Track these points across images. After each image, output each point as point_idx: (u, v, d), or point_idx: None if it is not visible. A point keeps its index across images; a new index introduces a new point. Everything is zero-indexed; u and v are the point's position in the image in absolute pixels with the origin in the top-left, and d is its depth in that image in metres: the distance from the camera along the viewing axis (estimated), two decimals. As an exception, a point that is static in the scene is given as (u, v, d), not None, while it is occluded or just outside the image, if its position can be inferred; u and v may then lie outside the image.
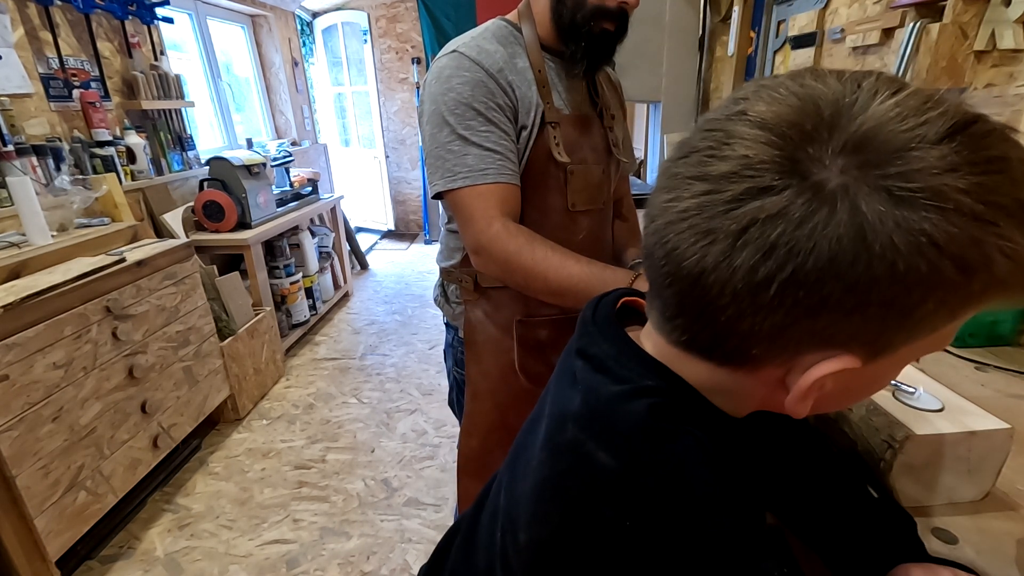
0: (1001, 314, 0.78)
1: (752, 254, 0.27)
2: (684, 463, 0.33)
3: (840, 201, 0.26)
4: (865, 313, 0.28)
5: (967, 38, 0.87)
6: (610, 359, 0.39)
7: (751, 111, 0.29)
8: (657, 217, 0.32)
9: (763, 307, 0.29)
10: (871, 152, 0.26)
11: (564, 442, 0.37)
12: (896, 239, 0.25)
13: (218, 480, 1.94)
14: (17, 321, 1.32)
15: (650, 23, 1.84)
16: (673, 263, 0.31)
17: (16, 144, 1.75)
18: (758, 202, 0.27)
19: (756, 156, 0.28)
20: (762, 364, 0.32)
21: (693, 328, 0.33)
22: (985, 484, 0.49)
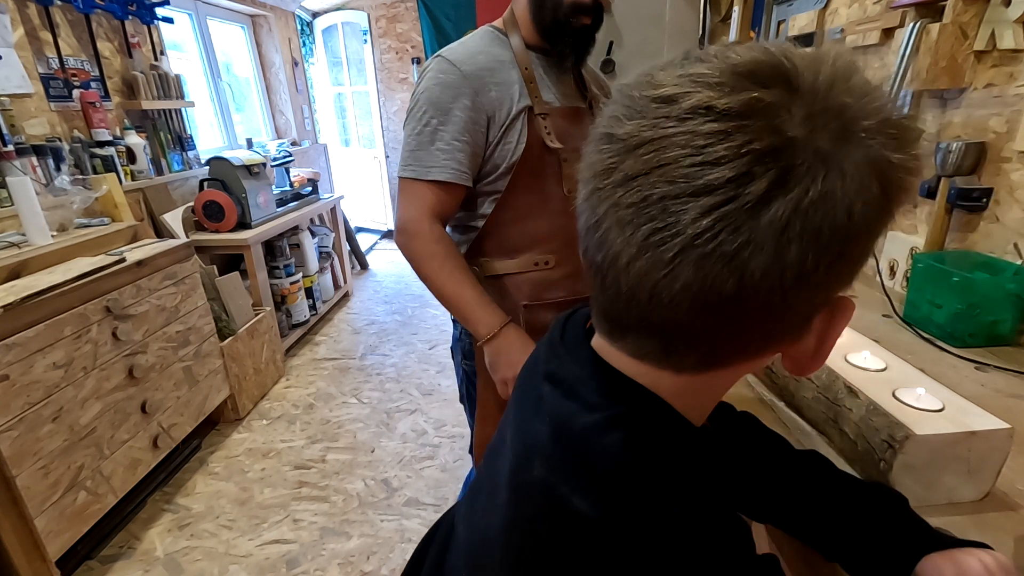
0: (1001, 314, 0.78)
1: (802, 248, 0.25)
2: (668, 506, 0.30)
3: (855, 161, 0.26)
4: (869, 251, 0.29)
5: (967, 38, 0.87)
6: (579, 383, 0.35)
7: (713, 104, 0.26)
8: (636, 260, 0.28)
9: (809, 295, 0.28)
10: (848, 110, 0.26)
11: (532, 482, 0.34)
12: (902, 179, 0.27)
13: (218, 480, 1.94)
14: (17, 321, 1.32)
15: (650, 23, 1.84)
16: (697, 298, 0.27)
17: (16, 144, 1.75)
18: (788, 194, 0.25)
19: (768, 146, 0.25)
20: (777, 345, 0.32)
21: (712, 354, 0.31)
22: (985, 484, 0.49)
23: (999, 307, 0.78)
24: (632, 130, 0.27)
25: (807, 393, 0.60)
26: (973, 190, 0.87)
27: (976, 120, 0.89)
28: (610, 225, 0.28)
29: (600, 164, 0.29)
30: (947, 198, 0.91)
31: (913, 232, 1.03)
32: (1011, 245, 0.83)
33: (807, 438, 0.59)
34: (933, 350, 0.79)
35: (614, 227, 0.28)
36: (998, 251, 0.85)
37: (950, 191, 0.90)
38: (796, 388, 0.62)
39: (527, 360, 0.45)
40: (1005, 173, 0.84)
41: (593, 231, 0.30)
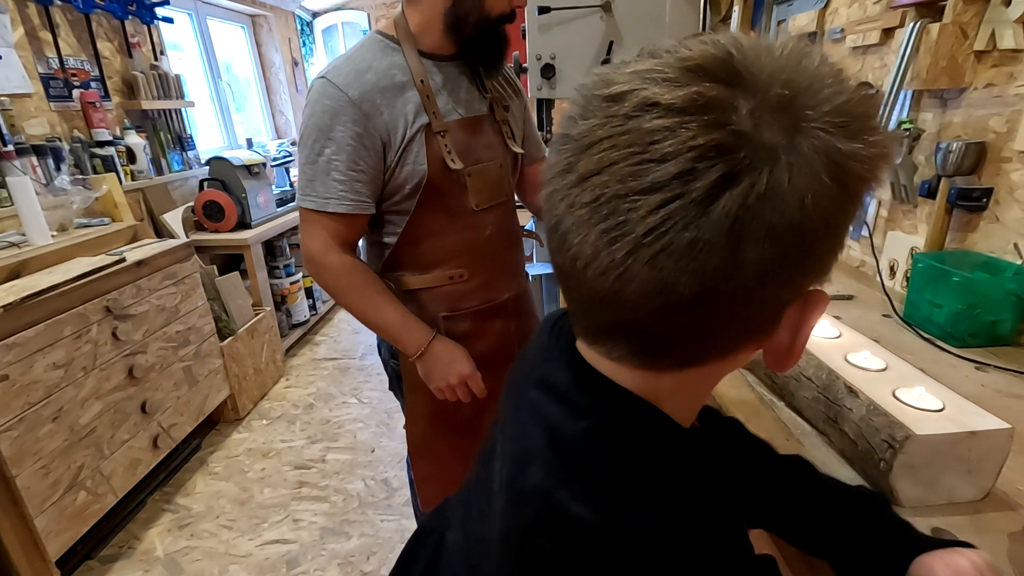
0: (1001, 314, 0.78)
1: (759, 247, 0.25)
2: (664, 508, 0.30)
3: (806, 155, 0.25)
4: (836, 244, 0.28)
5: (967, 38, 0.87)
6: (569, 388, 0.35)
7: (658, 100, 0.25)
8: (597, 259, 0.27)
9: (773, 291, 0.27)
10: (795, 96, 0.25)
11: (529, 489, 0.33)
12: (859, 170, 0.26)
13: (218, 480, 1.94)
14: (17, 321, 1.32)
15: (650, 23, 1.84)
16: (657, 297, 0.27)
17: (16, 144, 1.75)
18: (735, 189, 0.24)
19: (709, 140, 0.24)
20: (750, 343, 0.31)
21: (687, 353, 0.31)
22: (985, 484, 0.49)
23: (999, 307, 0.78)
24: (584, 129, 0.27)
25: (807, 393, 0.60)
26: (973, 190, 0.87)
27: (976, 120, 0.89)
28: (568, 227, 0.28)
29: (558, 165, 0.29)
30: (947, 198, 0.91)
31: (913, 232, 1.03)
32: (1011, 245, 0.83)
33: (807, 438, 0.59)
34: (933, 350, 0.79)
35: (572, 228, 0.28)
36: (998, 251, 0.85)
37: (950, 191, 0.90)
38: (796, 388, 0.62)
39: (515, 364, 0.44)
40: (1005, 173, 0.84)
41: (553, 232, 0.30)
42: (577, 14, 1.81)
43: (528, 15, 1.74)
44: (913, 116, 1.01)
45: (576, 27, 1.83)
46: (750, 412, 0.64)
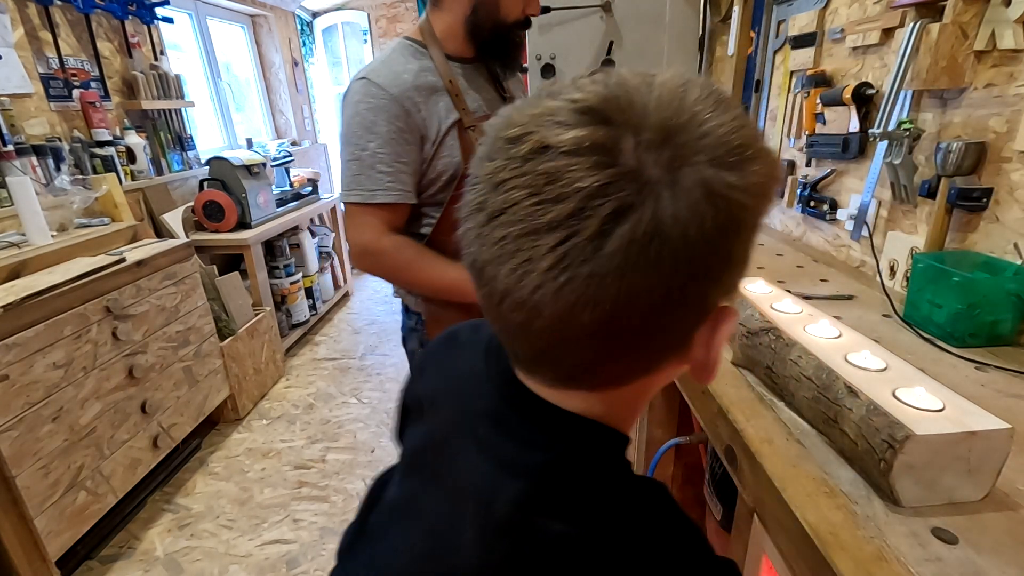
0: (1001, 314, 0.78)
1: (646, 275, 0.27)
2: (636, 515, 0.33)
3: (688, 189, 0.26)
4: (733, 268, 0.30)
5: (967, 38, 0.87)
6: (519, 421, 0.36)
7: (550, 142, 0.27)
8: (511, 293, 0.29)
9: (672, 316, 0.29)
10: (676, 134, 0.27)
11: (500, 522, 0.34)
12: (739, 198, 0.27)
13: (218, 480, 1.94)
14: (17, 321, 1.33)
15: (650, 23, 1.84)
16: (565, 328, 0.28)
17: (16, 144, 1.75)
18: (624, 225, 0.26)
19: (595, 181, 0.26)
20: (668, 362, 0.33)
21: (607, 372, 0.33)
22: (985, 484, 0.49)
23: (999, 307, 0.78)
24: (490, 170, 0.29)
25: (807, 393, 0.60)
26: (973, 190, 0.87)
27: (976, 120, 0.89)
28: (483, 263, 0.30)
29: (471, 204, 0.30)
30: (947, 198, 0.91)
31: (913, 232, 1.03)
32: (1011, 245, 0.83)
33: (807, 438, 0.59)
34: (933, 350, 0.79)
35: (486, 265, 0.29)
36: (998, 251, 0.85)
37: (950, 191, 0.90)
38: (796, 388, 0.62)
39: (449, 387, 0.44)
40: (1005, 173, 0.84)
41: (472, 268, 0.31)
42: (577, 14, 1.81)
43: (528, 15, 1.74)
44: (913, 116, 1.01)
45: (576, 27, 1.83)
46: (750, 412, 0.64)
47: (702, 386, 0.38)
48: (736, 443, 0.62)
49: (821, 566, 0.45)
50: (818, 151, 1.28)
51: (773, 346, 0.67)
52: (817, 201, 1.31)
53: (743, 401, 0.67)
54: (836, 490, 0.51)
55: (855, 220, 1.17)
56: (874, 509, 0.49)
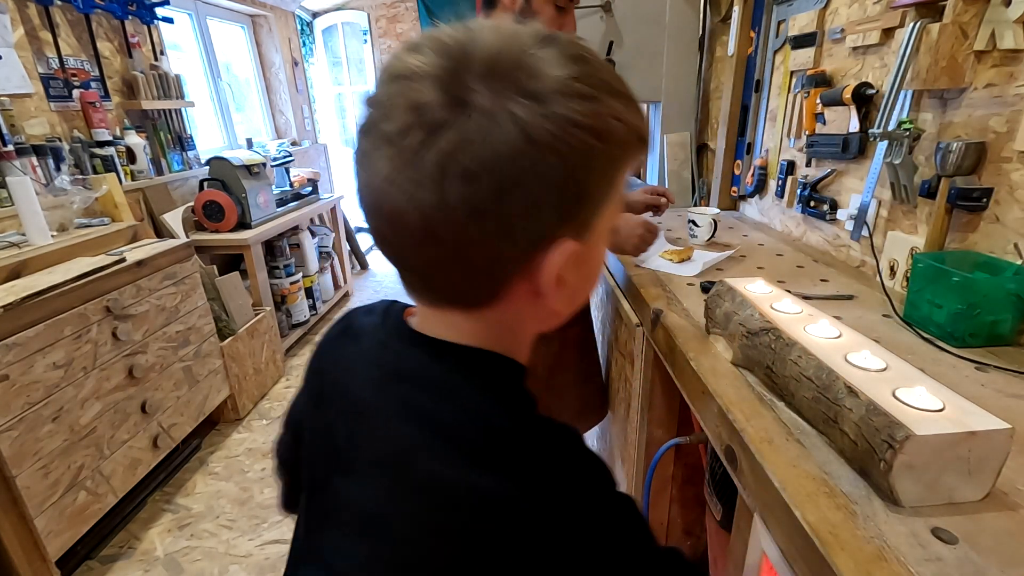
0: (1001, 314, 0.78)
1: (459, 186, 0.30)
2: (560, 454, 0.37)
3: (499, 115, 0.30)
4: (561, 199, 0.33)
5: (967, 38, 0.87)
6: (425, 369, 0.38)
7: (400, 70, 0.32)
8: (366, 198, 0.34)
9: (490, 229, 0.32)
10: (501, 71, 0.31)
11: (425, 480, 0.35)
12: (550, 128, 0.31)
13: (218, 480, 1.94)
14: (17, 321, 1.33)
15: (650, 23, 1.84)
16: (403, 230, 0.33)
17: (16, 144, 1.75)
18: (440, 139, 0.30)
19: (422, 101, 0.31)
20: (513, 285, 0.36)
21: (455, 284, 0.36)
22: (985, 484, 0.49)
23: (999, 307, 0.78)
24: (368, 96, 0.34)
25: (807, 393, 0.60)
26: (973, 190, 0.87)
27: (976, 120, 0.88)
28: (356, 172, 0.35)
29: (358, 126, 0.35)
30: (947, 198, 0.91)
31: (913, 232, 1.03)
32: (1011, 245, 0.83)
33: (807, 438, 0.59)
34: (933, 350, 0.79)
35: (358, 174, 0.35)
36: (998, 251, 0.85)
37: (950, 191, 0.90)
38: (796, 388, 0.62)
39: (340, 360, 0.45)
40: (1005, 173, 0.84)
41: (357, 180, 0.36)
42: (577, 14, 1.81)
43: (528, 15, 1.74)
44: (913, 116, 1.01)
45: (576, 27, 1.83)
46: (750, 412, 0.64)
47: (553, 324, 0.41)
48: (736, 443, 0.62)
49: (821, 566, 0.45)
50: (818, 151, 1.28)
51: (773, 346, 0.67)
52: (817, 201, 1.31)
53: (743, 401, 0.67)
54: (836, 490, 0.51)
55: (855, 220, 1.17)
56: (874, 509, 0.49)
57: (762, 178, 1.60)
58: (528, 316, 0.40)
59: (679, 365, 0.83)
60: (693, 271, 1.15)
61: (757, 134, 1.64)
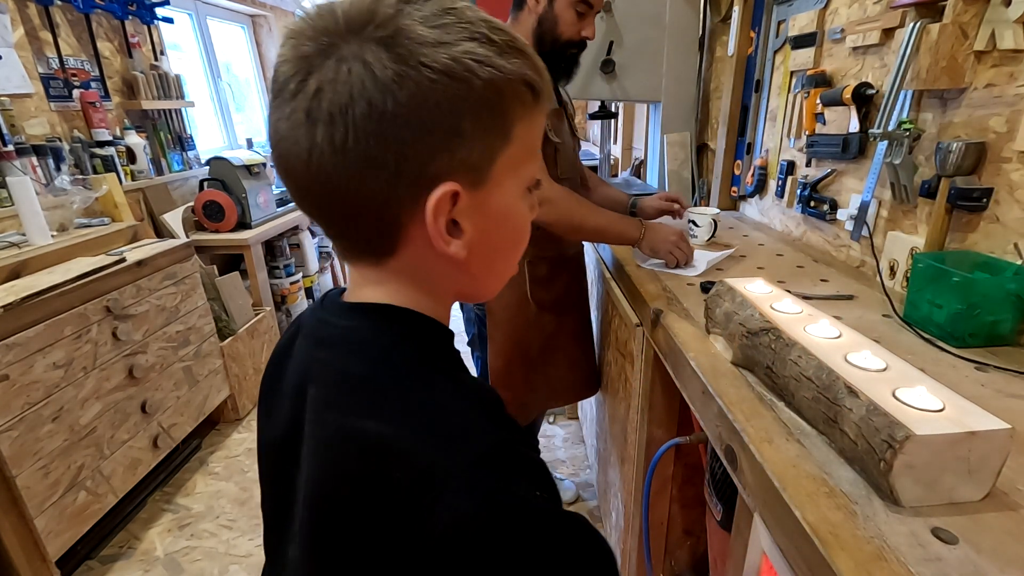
0: (1001, 314, 0.78)
1: (325, 128, 0.33)
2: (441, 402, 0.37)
3: (351, 61, 0.33)
4: (427, 139, 0.34)
5: (967, 38, 0.87)
6: (339, 327, 0.41)
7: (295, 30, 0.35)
8: (275, 150, 0.37)
9: (365, 171, 0.34)
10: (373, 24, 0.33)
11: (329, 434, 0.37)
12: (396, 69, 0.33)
13: (218, 480, 1.94)
14: (17, 321, 1.33)
15: (650, 23, 1.84)
16: (298, 176, 0.36)
17: (16, 144, 1.75)
18: (307, 86, 0.33)
19: (299, 54, 0.34)
20: (409, 231, 0.38)
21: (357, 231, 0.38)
22: (985, 484, 0.49)
23: (999, 307, 0.78)
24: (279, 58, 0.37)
25: (807, 393, 0.60)
26: (973, 190, 0.87)
27: (976, 120, 0.89)
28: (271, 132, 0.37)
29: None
30: (947, 198, 0.91)
31: (913, 232, 1.03)
32: (1011, 245, 0.83)
33: (807, 438, 0.59)
34: (933, 350, 0.79)
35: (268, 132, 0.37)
36: (998, 251, 0.85)
37: (950, 191, 0.90)
38: (796, 388, 0.62)
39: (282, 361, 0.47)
40: (1005, 173, 0.84)
41: None
42: (577, 14, 1.81)
43: (528, 15, 1.74)
44: (913, 116, 1.01)
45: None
46: (750, 412, 0.64)
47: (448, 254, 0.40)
48: (736, 443, 0.62)
49: (821, 566, 0.45)
50: (818, 151, 1.28)
51: (773, 346, 0.67)
52: (817, 201, 1.31)
53: (743, 401, 0.67)
54: (836, 490, 0.51)
55: (855, 220, 1.17)
56: (874, 509, 0.49)
57: (762, 178, 1.60)
58: (436, 270, 0.41)
59: (679, 365, 0.83)
60: (693, 271, 1.15)
61: (757, 134, 1.64)
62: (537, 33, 1.18)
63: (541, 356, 1.37)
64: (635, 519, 1.21)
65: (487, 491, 0.32)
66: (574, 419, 2.30)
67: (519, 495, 0.33)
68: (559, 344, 1.40)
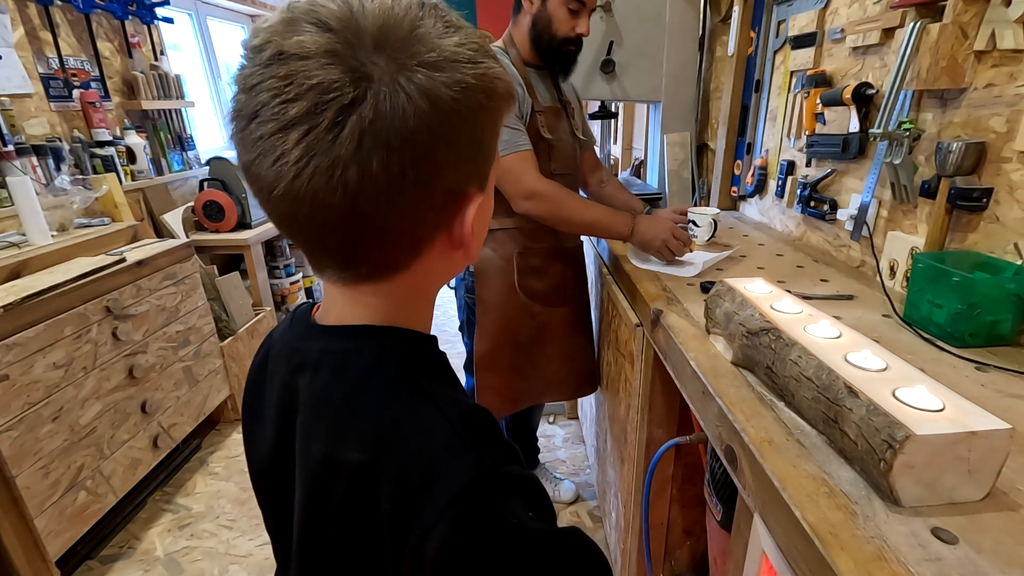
0: (1001, 314, 0.78)
1: (379, 157, 0.31)
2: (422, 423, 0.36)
3: (405, 86, 0.31)
4: (467, 156, 0.36)
5: (967, 38, 0.87)
6: (318, 352, 0.40)
7: (285, 48, 0.31)
8: (276, 186, 0.32)
9: (411, 196, 0.34)
10: (395, 43, 0.32)
11: (316, 461, 0.37)
12: (452, 94, 0.33)
13: (218, 480, 1.94)
14: (17, 321, 1.33)
15: (650, 23, 1.84)
16: (323, 211, 0.33)
17: (16, 144, 1.75)
18: (354, 115, 0.30)
19: (326, 80, 0.30)
20: (432, 243, 0.38)
21: (377, 255, 0.37)
22: (985, 484, 0.49)
23: (999, 307, 0.78)
24: (243, 77, 0.32)
25: (807, 393, 0.60)
26: (973, 190, 0.87)
27: (976, 120, 0.89)
28: (249, 162, 0.33)
29: (233, 110, 0.34)
30: (947, 198, 0.91)
31: (913, 232, 1.03)
32: (1011, 245, 0.83)
33: (807, 438, 0.59)
34: (933, 350, 0.79)
35: (252, 163, 0.33)
36: (998, 251, 0.85)
37: (950, 191, 0.90)
38: (796, 388, 0.62)
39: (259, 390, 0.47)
40: (1005, 173, 0.84)
41: (242, 169, 0.35)
42: (577, 14, 1.81)
43: (528, 15, 1.74)
44: (913, 116, 1.01)
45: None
46: (750, 412, 0.64)
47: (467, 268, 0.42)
48: (736, 443, 0.62)
49: (821, 566, 0.45)
50: (818, 151, 1.28)
51: (773, 346, 0.67)
52: (817, 201, 1.31)
53: (743, 401, 0.67)
54: (836, 490, 0.51)
55: (855, 220, 1.17)
56: (874, 509, 0.49)
57: (762, 178, 1.60)
58: (439, 271, 0.42)
59: (679, 365, 0.83)
60: (693, 271, 1.15)
61: (757, 134, 1.64)
62: (533, 33, 1.23)
63: (533, 346, 1.40)
64: (635, 519, 1.21)
65: (476, 516, 0.32)
66: (574, 419, 2.30)
67: (510, 519, 0.33)
68: (553, 335, 1.42)
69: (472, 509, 0.32)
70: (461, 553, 0.31)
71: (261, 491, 0.48)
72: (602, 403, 1.58)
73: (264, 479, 0.46)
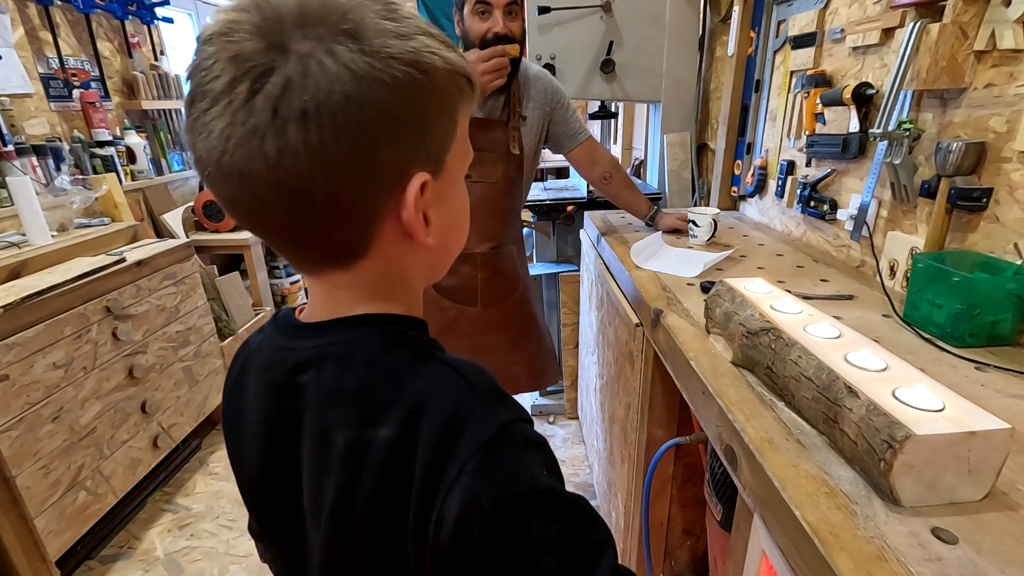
0: (1001, 314, 0.78)
1: (297, 128, 0.31)
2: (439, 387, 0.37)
3: (320, 56, 0.31)
4: (402, 131, 0.34)
5: (967, 38, 0.87)
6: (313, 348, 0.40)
7: (214, 29, 0.32)
8: (208, 165, 0.33)
9: (340, 169, 0.33)
10: (320, 18, 0.32)
11: (341, 450, 0.37)
12: (372, 62, 0.32)
13: (218, 480, 1.94)
14: (17, 321, 1.33)
15: (650, 23, 1.84)
16: (253, 186, 0.33)
17: (16, 144, 1.75)
18: (267, 83, 0.30)
19: (243, 52, 0.31)
20: (382, 228, 0.37)
21: (325, 236, 0.36)
22: (985, 484, 0.49)
23: (999, 307, 0.78)
24: (192, 65, 0.33)
25: (807, 393, 0.60)
26: (973, 190, 0.87)
27: (976, 120, 0.89)
28: (192, 143, 0.34)
29: (186, 99, 0.34)
30: (947, 198, 0.91)
31: (913, 232, 1.03)
32: (1011, 245, 0.83)
33: (807, 438, 0.59)
34: (933, 350, 0.79)
35: (195, 144, 0.33)
36: (998, 251, 0.85)
37: (950, 191, 0.90)
38: (796, 388, 0.62)
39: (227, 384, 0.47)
40: (1005, 173, 0.84)
41: (193, 154, 0.35)
42: (577, 14, 1.81)
43: (528, 15, 1.74)
44: (913, 116, 1.01)
45: (576, 27, 1.83)
46: (750, 412, 0.64)
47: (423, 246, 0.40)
48: (736, 443, 0.62)
49: (821, 566, 0.45)
50: (818, 151, 1.28)
51: (773, 346, 0.67)
52: (817, 201, 1.31)
53: (743, 401, 0.67)
54: (836, 490, 0.51)
55: (855, 220, 1.17)
56: (874, 509, 0.49)
57: (762, 178, 1.60)
58: (408, 263, 0.41)
59: (679, 365, 0.83)
60: (693, 271, 1.15)
61: (757, 134, 1.64)
62: (464, 49, 1.28)
63: (445, 337, 1.42)
64: (635, 519, 1.21)
65: (495, 467, 0.34)
66: (574, 419, 2.30)
67: (525, 471, 0.35)
68: (464, 331, 1.47)
69: (491, 460, 0.34)
70: (481, 505, 0.32)
71: (258, 507, 0.47)
72: (602, 403, 1.58)
73: (258, 495, 0.46)
